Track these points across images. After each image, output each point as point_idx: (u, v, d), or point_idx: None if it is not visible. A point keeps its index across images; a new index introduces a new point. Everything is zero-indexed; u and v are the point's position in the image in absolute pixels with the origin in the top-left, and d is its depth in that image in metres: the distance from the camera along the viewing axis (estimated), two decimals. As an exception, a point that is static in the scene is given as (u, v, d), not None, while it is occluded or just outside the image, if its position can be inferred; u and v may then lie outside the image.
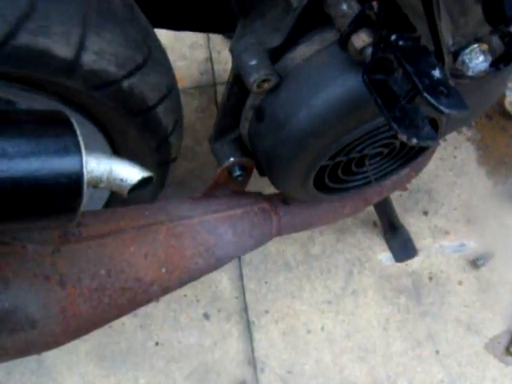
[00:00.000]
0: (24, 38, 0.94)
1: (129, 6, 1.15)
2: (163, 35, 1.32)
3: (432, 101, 0.90)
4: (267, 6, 1.19)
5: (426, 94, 0.90)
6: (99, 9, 1.05)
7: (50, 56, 0.98)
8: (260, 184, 1.57)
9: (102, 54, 1.05)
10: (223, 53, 2.40)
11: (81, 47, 1.02)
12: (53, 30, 0.97)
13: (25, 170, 0.80)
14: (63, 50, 0.99)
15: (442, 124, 1.30)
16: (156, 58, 1.23)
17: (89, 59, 1.03)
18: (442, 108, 0.90)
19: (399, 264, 2.05)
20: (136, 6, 1.19)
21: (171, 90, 1.30)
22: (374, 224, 2.11)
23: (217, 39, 2.43)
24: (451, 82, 0.94)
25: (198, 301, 1.98)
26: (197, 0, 1.49)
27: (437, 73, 0.93)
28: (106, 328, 1.90)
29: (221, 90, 2.26)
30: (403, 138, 0.97)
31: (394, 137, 1.30)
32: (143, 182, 0.97)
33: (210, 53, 2.41)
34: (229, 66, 1.26)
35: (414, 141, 0.97)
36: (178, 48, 2.40)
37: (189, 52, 2.41)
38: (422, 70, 0.93)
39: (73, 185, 0.85)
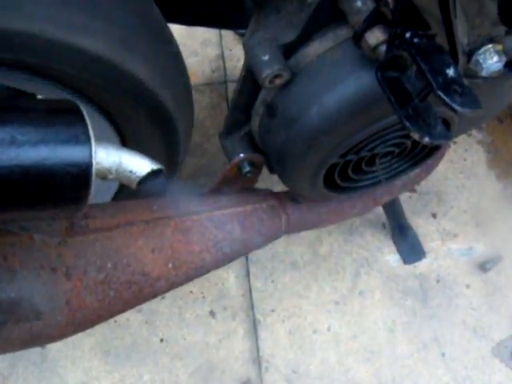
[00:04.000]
0: None
1: None
2: (175, 31, 1.31)
3: (446, 99, 0.89)
4: (281, 1, 1.18)
5: (439, 92, 0.89)
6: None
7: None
8: (269, 181, 1.57)
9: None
10: (235, 50, 2.40)
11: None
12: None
13: (33, 159, 0.80)
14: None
15: (454, 124, 1.29)
16: (161, 43, 1.23)
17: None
18: (455, 106, 0.89)
19: (407, 266, 2.05)
20: None
21: (180, 77, 1.30)
22: (383, 225, 2.10)
23: (229, 36, 2.43)
24: (465, 82, 0.93)
25: (203, 298, 1.98)
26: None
27: (451, 71, 0.92)
28: (110, 323, 1.90)
29: (232, 87, 2.26)
30: (416, 136, 0.96)
31: (406, 136, 1.30)
32: (153, 175, 0.96)
33: (222, 50, 2.41)
34: (240, 63, 1.26)
35: (427, 139, 0.96)
36: (190, 44, 2.39)
37: (201, 49, 2.41)
38: (437, 68, 0.92)
39: (81, 175, 0.84)
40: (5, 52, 0.96)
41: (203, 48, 2.41)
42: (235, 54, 2.39)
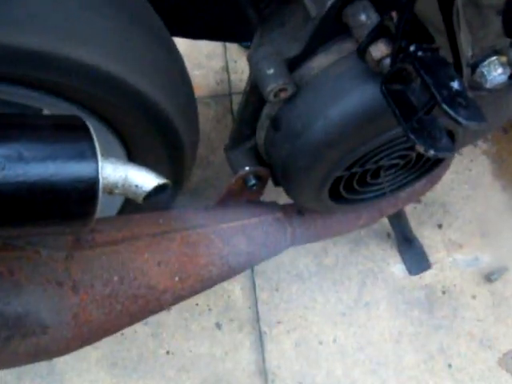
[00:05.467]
0: None
1: None
2: (180, 44, 1.32)
3: (450, 112, 0.89)
4: (285, 15, 1.19)
5: (444, 106, 0.90)
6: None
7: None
8: (274, 194, 1.57)
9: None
10: (240, 62, 2.40)
11: None
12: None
13: (40, 175, 0.80)
14: None
15: (458, 136, 1.30)
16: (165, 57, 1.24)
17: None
18: (460, 120, 0.89)
19: (412, 277, 2.04)
20: None
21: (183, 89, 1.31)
22: (388, 235, 2.10)
23: (233, 49, 2.43)
24: (470, 94, 0.94)
25: (210, 310, 1.98)
26: (214, 8, 1.49)
27: (456, 84, 0.92)
28: (117, 335, 1.89)
29: (237, 99, 2.26)
30: (421, 149, 0.97)
31: (410, 148, 1.30)
32: (159, 189, 0.97)
33: (227, 62, 2.41)
34: (245, 75, 1.27)
35: (432, 152, 0.96)
36: (195, 57, 2.40)
37: (205, 61, 2.41)
38: (441, 82, 0.92)
39: (88, 190, 0.84)
40: (15, 68, 0.97)
41: (208, 60, 2.41)
42: (240, 66, 2.39)
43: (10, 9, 0.93)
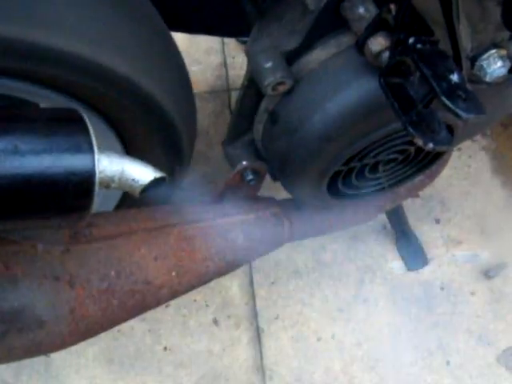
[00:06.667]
0: None
1: None
2: (178, 40, 1.31)
3: (449, 105, 0.89)
4: (283, 8, 1.18)
5: (443, 98, 0.89)
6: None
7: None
8: (272, 189, 1.56)
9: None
10: (238, 58, 2.40)
11: None
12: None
13: (36, 167, 0.80)
14: None
15: (457, 129, 1.29)
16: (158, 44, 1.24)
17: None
18: (459, 112, 0.89)
19: (411, 273, 2.04)
20: None
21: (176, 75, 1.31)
22: (384, 227, 2.09)
23: (232, 44, 2.43)
24: (469, 87, 0.93)
25: (207, 306, 1.97)
26: (211, 3, 1.48)
27: (455, 77, 0.92)
28: (114, 332, 1.89)
29: (235, 95, 2.26)
30: (419, 142, 0.96)
31: (409, 143, 1.29)
32: (155, 183, 0.96)
33: (225, 58, 2.41)
34: (243, 71, 1.26)
35: (431, 145, 0.96)
36: (193, 53, 2.39)
37: (203, 57, 2.40)
38: (440, 74, 0.92)
39: (84, 184, 0.84)
40: (13, 62, 0.97)
41: (206, 56, 2.40)
42: (238, 61, 2.39)
43: (9, 3, 0.93)
